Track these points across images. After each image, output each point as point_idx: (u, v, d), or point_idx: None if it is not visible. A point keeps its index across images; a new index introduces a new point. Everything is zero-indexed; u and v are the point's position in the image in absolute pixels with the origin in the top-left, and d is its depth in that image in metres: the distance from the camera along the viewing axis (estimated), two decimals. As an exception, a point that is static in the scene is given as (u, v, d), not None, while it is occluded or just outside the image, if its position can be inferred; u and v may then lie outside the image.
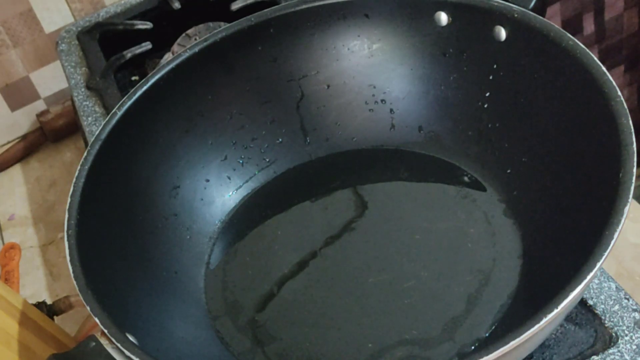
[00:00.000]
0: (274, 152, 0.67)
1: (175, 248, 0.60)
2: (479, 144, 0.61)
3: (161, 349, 0.49)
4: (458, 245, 0.57)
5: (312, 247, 0.61)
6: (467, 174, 0.61)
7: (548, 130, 0.54)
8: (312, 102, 0.66)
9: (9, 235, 0.91)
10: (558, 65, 0.52)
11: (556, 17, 1.19)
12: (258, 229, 0.63)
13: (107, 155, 0.57)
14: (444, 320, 0.53)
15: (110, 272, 0.52)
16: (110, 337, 0.44)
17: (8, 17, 0.91)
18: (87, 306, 0.46)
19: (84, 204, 0.53)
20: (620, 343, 0.49)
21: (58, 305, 0.72)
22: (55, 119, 0.98)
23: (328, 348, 0.53)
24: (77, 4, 0.94)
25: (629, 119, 0.46)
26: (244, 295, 0.59)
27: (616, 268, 0.72)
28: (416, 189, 0.62)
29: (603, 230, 0.41)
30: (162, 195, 0.61)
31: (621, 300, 0.51)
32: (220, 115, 0.65)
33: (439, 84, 0.63)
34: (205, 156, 0.64)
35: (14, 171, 0.99)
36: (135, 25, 0.84)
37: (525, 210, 0.57)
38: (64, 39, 0.89)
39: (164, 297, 0.56)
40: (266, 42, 0.64)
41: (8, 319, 0.56)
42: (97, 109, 0.79)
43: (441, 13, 0.60)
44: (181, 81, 0.62)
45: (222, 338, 0.56)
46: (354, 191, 0.64)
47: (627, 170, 0.44)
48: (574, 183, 0.51)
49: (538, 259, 0.53)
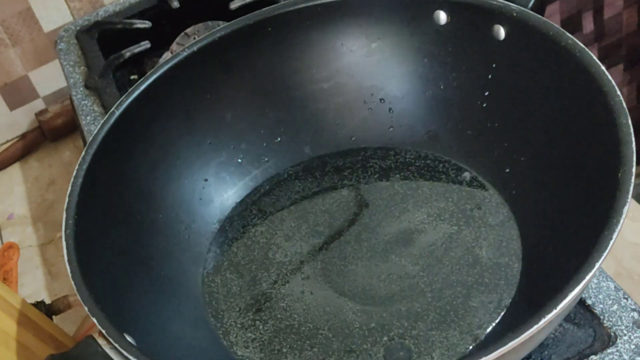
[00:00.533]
0: (273, 152, 0.67)
1: (173, 248, 0.60)
2: (478, 143, 0.61)
3: (159, 350, 0.49)
4: (457, 245, 0.57)
5: (311, 247, 0.61)
6: (466, 173, 0.61)
7: (547, 130, 0.54)
8: (311, 101, 0.66)
9: (7, 235, 0.91)
10: (557, 65, 0.52)
11: (555, 15, 1.19)
12: (256, 229, 0.63)
13: (106, 155, 0.56)
14: (443, 320, 0.53)
15: (108, 272, 0.52)
16: (108, 338, 0.44)
17: (7, 16, 0.91)
18: (84, 306, 0.46)
19: (82, 204, 0.53)
20: (619, 343, 0.49)
21: (57, 304, 0.72)
22: (54, 118, 0.98)
23: (328, 348, 0.53)
24: (76, 3, 0.94)
25: (628, 117, 0.45)
26: (242, 295, 0.59)
27: (615, 267, 0.71)
28: (415, 188, 0.62)
29: (602, 230, 0.41)
30: (161, 194, 0.61)
31: (620, 299, 0.51)
32: (219, 115, 0.65)
33: (438, 83, 0.62)
34: (204, 155, 0.64)
35: (12, 170, 0.99)
36: (134, 24, 0.84)
37: (525, 210, 0.57)
38: (63, 38, 0.89)
39: (162, 297, 0.56)
40: (265, 41, 0.64)
41: (6, 319, 0.56)
42: (95, 108, 0.79)
43: (440, 12, 0.60)
44: (180, 80, 0.62)
45: (220, 338, 0.56)
46: (353, 191, 0.64)
47: (627, 169, 0.43)
48: (573, 182, 0.51)
49: (537, 258, 0.53)
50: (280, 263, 0.60)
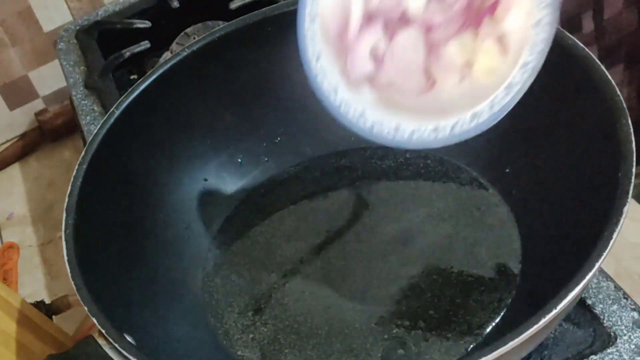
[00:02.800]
0: (273, 152, 0.67)
1: (173, 247, 0.60)
2: (478, 143, 0.61)
3: (159, 349, 0.49)
4: (457, 245, 0.57)
5: (311, 246, 0.61)
6: (466, 173, 0.61)
7: (547, 130, 0.54)
8: (311, 101, 0.66)
9: (7, 235, 0.91)
10: (557, 65, 0.52)
11: (555, 15, 1.19)
12: (256, 229, 0.63)
13: (105, 155, 0.56)
14: (443, 319, 0.53)
15: (108, 272, 0.52)
16: (108, 338, 0.44)
17: (7, 15, 0.91)
18: (84, 306, 0.46)
19: (82, 204, 0.53)
20: (619, 342, 0.49)
21: (56, 304, 0.72)
22: (54, 118, 0.98)
23: (328, 348, 0.53)
24: (75, 3, 0.94)
25: (628, 118, 0.45)
26: (242, 295, 0.59)
27: (615, 267, 0.71)
28: (415, 188, 0.62)
29: (602, 230, 0.41)
30: (160, 194, 0.61)
31: (620, 299, 0.51)
32: (219, 115, 0.65)
33: (438, 83, 0.62)
34: (204, 155, 0.64)
35: (12, 170, 0.99)
36: (134, 24, 0.84)
37: (525, 210, 0.57)
38: (63, 37, 0.89)
39: (162, 297, 0.56)
40: (265, 41, 0.64)
41: (6, 318, 0.56)
42: (95, 108, 0.79)
43: (440, 12, 0.60)
44: (180, 80, 0.62)
45: (220, 338, 0.56)
46: (353, 191, 0.64)
47: (626, 169, 0.43)
48: (573, 182, 0.51)
49: (537, 258, 0.53)
50: (280, 263, 0.60)
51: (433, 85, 0.44)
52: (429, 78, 0.44)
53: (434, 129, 0.44)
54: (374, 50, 0.45)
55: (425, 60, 0.44)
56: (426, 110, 0.44)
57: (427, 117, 0.44)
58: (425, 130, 0.44)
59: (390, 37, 0.44)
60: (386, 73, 0.45)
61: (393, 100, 0.45)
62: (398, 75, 0.45)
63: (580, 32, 1.23)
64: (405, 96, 0.45)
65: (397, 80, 0.45)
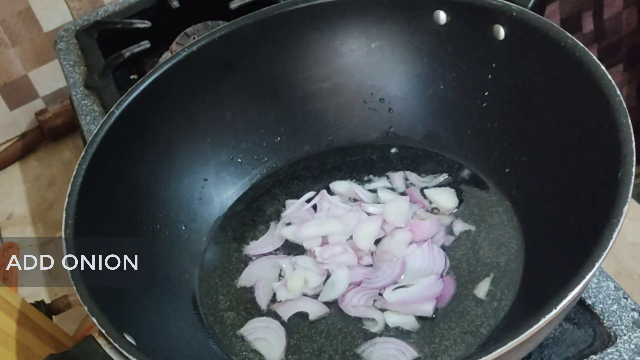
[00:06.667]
0: (273, 151, 0.66)
1: (173, 247, 0.60)
2: (478, 143, 0.61)
3: (158, 349, 0.49)
4: (457, 244, 0.57)
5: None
6: (466, 173, 0.61)
7: (547, 130, 0.54)
8: (311, 100, 0.66)
9: (7, 234, 0.91)
10: (557, 64, 0.52)
11: (555, 15, 1.19)
12: (256, 229, 0.63)
13: (105, 155, 0.56)
14: (443, 320, 0.53)
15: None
16: (108, 337, 0.44)
17: (7, 15, 0.91)
18: (84, 306, 0.46)
19: (82, 204, 0.53)
20: (619, 342, 0.49)
21: (56, 304, 0.72)
22: (54, 117, 0.98)
23: (327, 348, 0.53)
24: (75, 3, 0.94)
25: (628, 117, 0.45)
26: (241, 295, 0.58)
27: (615, 267, 0.71)
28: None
29: (602, 230, 0.41)
30: (160, 194, 0.61)
31: (620, 299, 0.51)
32: (219, 114, 0.65)
33: (437, 82, 0.62)
34: (204, 155, 0.64)
35: (12, 170, 0.99)
36: (134, 24, 0.84)
37: (525, 209, 0.57)
38: (63, 37, 0.89)
39: (162, 297, 0.56)
40: (265, 41, 0.64)
41: (6, 318, 0.56)
42: (95, 108, 0.79)
43: (440, 11, 0.60)
44: (179, 80, 0.62)
45: (219, 338, 0.56)
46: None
47: (626, 169, 0.43)
48: (573, 182, 0.51)
49: (537, 258, 0.53)
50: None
51: None
52: None
53: None
54: None
55: None
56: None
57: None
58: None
59: None
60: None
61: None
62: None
63: (580, 31, 1.23)
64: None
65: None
